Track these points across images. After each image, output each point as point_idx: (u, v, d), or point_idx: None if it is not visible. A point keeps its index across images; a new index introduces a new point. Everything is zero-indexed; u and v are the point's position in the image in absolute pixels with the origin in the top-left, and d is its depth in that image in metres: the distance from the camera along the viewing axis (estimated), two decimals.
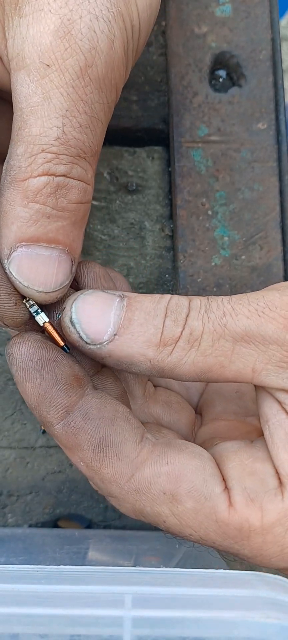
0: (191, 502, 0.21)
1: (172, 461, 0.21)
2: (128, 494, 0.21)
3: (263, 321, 0.21)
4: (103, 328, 0.21)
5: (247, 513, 0.21)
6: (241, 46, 0.33)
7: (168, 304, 0.22)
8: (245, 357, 0.21)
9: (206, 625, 0.19)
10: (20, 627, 0.19)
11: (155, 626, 0.19)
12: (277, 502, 0.21)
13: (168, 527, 0.22)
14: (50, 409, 0.21)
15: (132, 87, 0.34)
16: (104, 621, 0.19)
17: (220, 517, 0.21)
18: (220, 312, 0.21)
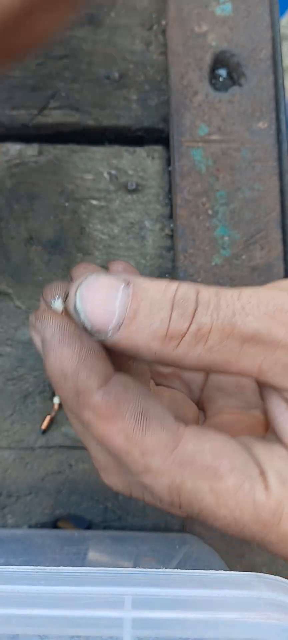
0: (233, 479, 0.21)
1: (213, 438, 0.21)
2: (170, 467, 0.21)
3: (274, 324, 0.21)
4: (108, 318, 0.21)
5: (283, 495, 0.21)
6: (241, 45, 0.33)
7: (175, 294, 0.21)
8: (252, 357, 0.21)
9: (206, 626, 0.19)
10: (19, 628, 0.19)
11: (155, 627, 0.18)
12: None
13: (204, 507, 0.21)
14: (92, 375, 0.21)
15: (132, 86, 0.34)
16: (103, 622, 0.18)
17: (258, 498, 0.21)
18: (230, 311, 0.21)
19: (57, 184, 0.33)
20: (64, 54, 0.34)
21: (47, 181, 0.33)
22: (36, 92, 0.34)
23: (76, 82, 0.34)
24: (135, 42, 0.34)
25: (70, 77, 0.34)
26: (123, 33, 0.34)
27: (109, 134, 0.34)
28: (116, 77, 0.34)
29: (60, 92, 0.34)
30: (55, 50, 0.34)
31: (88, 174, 0.34)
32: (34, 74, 0.34)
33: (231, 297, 0.21)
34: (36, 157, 0.33)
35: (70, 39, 0.34)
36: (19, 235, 0.33)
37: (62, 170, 0.34)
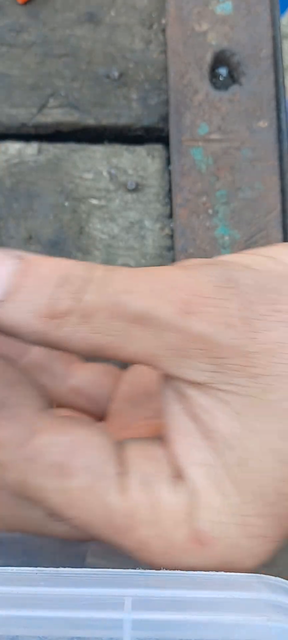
0: (85, 477, 0.19)
1: (72, 432, 0.20)
2: (16, 462, 0.19)
3: (161, 303, 0.19)
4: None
5: (139, 499, 0.19)
6: (242, 44, 0.33)
7: (65, 271, 0.19)
8: (141, 340, 0.19)
9: (207, 628, 0.19)
10: (19, 629, 0.18)
11: (155, 629, 0.18)
12: (168, 493, 0.19)
13: (51, 505, 0.20)
14: None
15: (131, 85, 0.34)
16: (103, 623, 0.18)
17: (109, 500, 0.19)
18: (119, 288, 0.19)
19: (57, 183, 0.33)
20: (63, 53, 0.34)
21: (46, 180, 0.33)
22: (35, 91, 0.34)
23: (76, 81, 0.34)
24: (135, 41, 0.34)
25: (69, 75, 0.34)
26: (123, 32, 0.34)
27: (108, 133, 0.34)
28: (116, 76, 0.34)
29: (60, 91, 0.34)
30: (55, 49, 0.34)
31: (88, 173, 0.33)
32: (33, 72, 0.34)
33: (120, 273, 0.20)
34: (35, 156, 0.33)
35: (69, 38, 0.34)
36: (19, 234, 0.33)
37: (62, 170, 0.33)
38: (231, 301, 0.19)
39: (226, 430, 0.19)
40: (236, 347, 0.19)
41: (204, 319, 0.19)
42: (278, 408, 0.19)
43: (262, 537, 0.20)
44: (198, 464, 0.20)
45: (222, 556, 0.20)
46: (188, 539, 0.19)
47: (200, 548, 0.20)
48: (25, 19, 0.34)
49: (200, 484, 0.19)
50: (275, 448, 0.19)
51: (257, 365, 0.19)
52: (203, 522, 0.19)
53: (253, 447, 0.19)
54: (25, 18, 0.34)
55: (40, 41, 0.34)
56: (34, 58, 0.34)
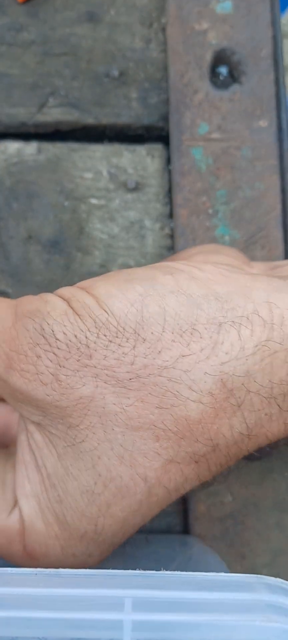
0: None
1: None
2: None
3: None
4: None
5: None
6: (242, 43, 0.33)
7: None
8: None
9: (207, 628, 0.19)
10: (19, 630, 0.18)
11: (155, 630, 0.18)
12: (4, 517, 0.22)
13: None
14: None
15: (131, 84, 0.34)
16: (103, 624, 0.18)
17: None
18: None
19: (57, 182, 0.33)
20: (63, 52, 0.34)
21: (46, 180, 0.33)
22: (35, 90, 0.34)
23: (75, 80, 0.34)
24: (135, 40, 0.34)
25: (69, 75, 0.34)
26: (123, 31, 0.34)
27: (108, 132, 0.34)
28: (116, 75, 0.34)
29: (60, 90, 0.34)
30: (55, 48, 0.34)
31: (87, 172, 0.33)
32: (32, 71, 0.34)
33: None
34: (35, 156, 0.33)
35: (69, 37, 0.34)
36: (18, 234, 0.33)
37: (62, 169, 0.33)
38: (43, 359, 0.21)
39: (51, 469, 0.22)
40: (50, 401, 0.21)
41: (22, 377, 0.21)
42: (91, 456, 0.21)
43: (85, 556, 0.23)
44: (28, 495, 0.22)
45: (51, 565, 0.23)
46: (21, 553, 0.23)
47: (31, 560, 0.23)
48: (24, 18, 0.34)
49: (27, 513, 0.22)
50: (87, 491, 0.21)
51: (72, 416, 0.21)
52: (31, 543, 0.22)
53: (69, 488, 0.22)
54: (24, 17, 0.34)
55: (40, 40, 0.34)
56: (34, 57, 0.34)
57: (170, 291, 0.21)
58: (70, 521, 0.22)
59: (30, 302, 0.22)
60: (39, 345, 0.21)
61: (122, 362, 0.20)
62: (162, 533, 0.31)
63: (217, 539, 0.31)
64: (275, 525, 0.31)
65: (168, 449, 0.21)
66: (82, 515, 0.22)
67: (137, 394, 0.20)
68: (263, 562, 0.31)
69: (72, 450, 0.21)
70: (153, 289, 0.21)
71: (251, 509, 0.31)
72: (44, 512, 0.22)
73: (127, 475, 0.21)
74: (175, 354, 0.20)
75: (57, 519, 0.22)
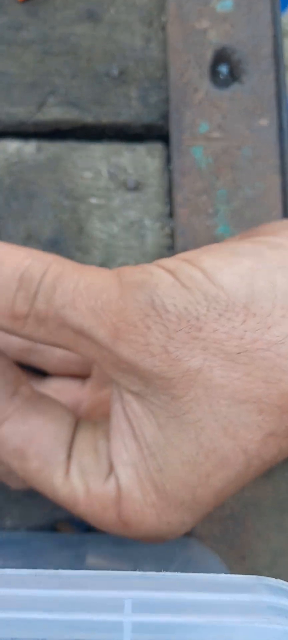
0: (36, 462, 0.23)
1: (31, 422, 0.23)
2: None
3: (96, 324, 0.21)
4: None
5: (77, 485, 0.23)
6: (242, 42, 0.33)
7: (23, 273, 0.22)
8: (85, 348, 0.22)
9: (207, 630, 0.19)
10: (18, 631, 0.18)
11: (155, 631, 0.18)
12: (100, 485, 0.23)
13: (22, 477, 0.24)
14: None
15: (131, 83, 0.34)
16: (103, 626, 0.18)
17: (54, 482, 0.23)
18: (62, 302, 0.22)
19: (56, 182, 0.33)
20: (63, 51, 0.34)
21: (45, 179, 0.33)
22: (35, 89, 0.34)
23: (75, 79, 0.34)
24: (135, 39, 0.34)
25: (69, 74, 0.34)
26: (123, 29, 0.34)
27: (108, 131, 0.34)
28: (116, 74, 0.34)
29: (59, 89, 0.34)
30: (54, 47, 0.34)
31: (87, 171, 0.33)
32: (32, 70, 0.34)
33: (67, 286, 0.22)
34: (35, 155, 0.33)
35: (69, 36, 0.34)
36: (18, 234, 0.32)
37: (61, 168, 0.33)
38: (153, 330, 0.21)
39: (150, 438, 0.22)
40: (157, 373, 0.21)
41: (130, 347, 0.21)
42: (194, 427, 0.22)
43: (179, 524, 0.23)
44: (125, 463, 0.23)
45: (145, 533, 0.23)
46: (115, 520, 0.23)
47: (125, 527, 0.23)
48: (24, 17, 0.34)
49: (124, 481, 0.23)
50: (188, 461, 0.22)
51: (177, 388, 0.21)
52: (126, 510, 0.23)
53: (170, 458, 0.22)
54: (24, 16, 0.34)
55: (39, 39, 0.34)
56: (33, 56, 0.34)
57: (277, 266, 0.21)
58: (168, 490, 0.22)
59: (133, 273, 0.22)
60: (149, 317, 0.21)
61: (232, 336, 0.21)
62: None
63: (217, 540, 0.31)
64: (275, 526, 0.31)
65: (270, 422, 0.21)
66: (181, 484, 0.22)
67: (244, 368, 0.21)
68: (263, 563, 0.31)
69: (174, 421, 0.22)
70: (261, 264, 0.21)
71: (251, 510, 0.31)
72: (142, 481, 0.22)
73: (228, 447, 0.22)
74: (286, 330, 0.21)
75: (155, 488, 0.22)
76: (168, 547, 0.29)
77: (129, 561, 0.28)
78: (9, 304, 0.22)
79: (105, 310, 0.21)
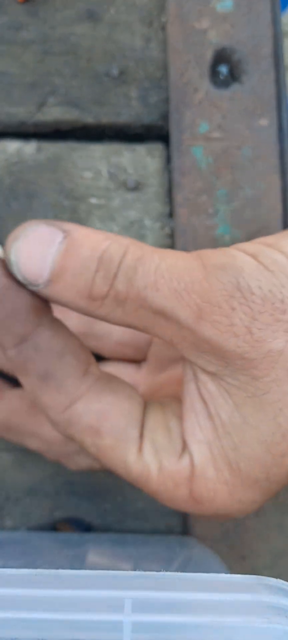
0: (109, 439, 0.24)
1: (104, 400, 0.24)
2: (61, 421, 0.24)
3: (179, 305, 0.22)
4: (39, 272, 0.22)
5: (150, 462, 0.23)
6: (242, 42, 0.33)
7: (102, 255, 0.22)
8: (163, 329, 0.22)
9: (207, 630, 0.19)
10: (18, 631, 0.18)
11: (155, 631, 0.18)
12: (173, 462, 0.23)
13: (90, 452, 0.24)
14: (6, 335, 0.23)
15: (131, 83, 0.34)
16: (103, 626, 0.18)
17: (128, 459, 0.24)
18: (143, 283, 0.22)
19: (56, 182, 0.33)
20: (63, 51, 0.34)
21: (45, 179, 0.33)
22: (35, 89, 0.34)
23: (75, 79, 0.34)
24: (135, 39, 0.34)
25: (69, 74, 0.34)
26: (123, 29, 0.34)
27: (108, 132, 0.34)
28: (116, 74, 0.34)
29: (59, 89, 0.34)
30: (54, 47, 0.34)
31: (87, 172, 0.33)
32: (32, 70, 0.34)
33: (149, 267, 0.22)
34: (35, 155, 0.33)
35: (69, 36, 0.34)
36: None
37: (61, 169, 0.33)
38: (238, 312, 0.22)
39: (226, 417, 0.23)
40: (240, 353, 0.22)
41: (214, 327, 0.22)
42: (273, 408, 0.22)
43: (250, 502, 0.24)
44: (200, 441, 0.23)
45: (215, 511, 0.24)
46: (187, 497, 0.24)
47: (196, 504, 0.24)
48: (24, 17, 0.34)
49: (198, 459, 0.23)
50: (265, 440, 0.22)
51: (258, 368, 0.22)
52: (198, 487, 0.23)
53: (247, 437, 0.22)
54: (24, 16, 0.34)
55: (39, 39, 0.34)
56: (33, 56, 0.34)
57: None
58: (243, 469, 0.23)
59: (216, 256, 0.23)
60: (234, 298, 0.21)
61: None
62: (161, 534, 0.31)
63: (217, 540, 0.31)
64: (276, 526, 0.31)
65: None
66: (256, 463, 0.23)
67: None
68: (264, 564, 0.31)
69: (252, 401, 0.22)
70: None
71: None
72: (216, 459, 0.23)
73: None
74: None
75: (229, 466, 0.23)
76: (168, 546, 0.29)
77: (128, 561, 0.28)
78: (88, 285, 0.22)
79: (188, 292, 0.21)
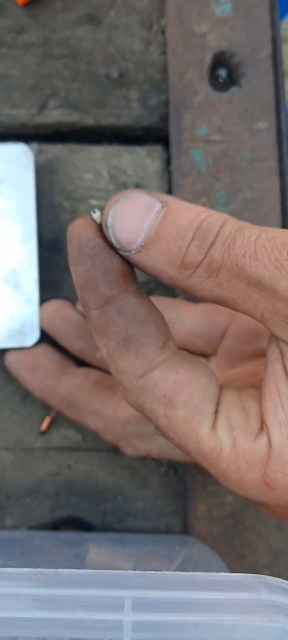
0: (184, 411, 0.23)
1: (182, 372, 0.23)
2: (135, 388, 0.23)
3: (278, 275, 0.21)
4: (134, 237, 0.22)
5: (224, 439, 0.23)
6: (241, 45, 0.33)
7: (200, 225, 0.22)
8: (256, 301, 0.22)
9: (207, 629, 0.19)
10: (18, 630, 0.18)
11: (155, 630, 0.18)
12: (249, 441, 0.22)
13: (159, 425, 0.24)
14: (92, 295, 0.23)
15: (131, 85, 0.34)
16: (103, 625, 0.18)
17: (201, 433, 0.23)
18: (242, 251, 0.21)
19: (56, 183, 0.33)
20: (63, 54, 0.34)
21: (46, 181, 0.33)
22: (35, 92, 0.34)
23: (75, 82, 0.34)
24: (135, 42, 0.34)
25: (69, 76, 0.34)
26: (123, 32, 0.34)
27: (108, 134, 0.34)
28: (116, 77, 0.34)
29: (60, 91, 0.34)
30: (55, 50, 0.34)
31: (87, 173, 0.33)
32: (33, 73, 0.34)
33: (249, 237, 0.22)
34: (35, 157, 0.33)
35: (69, 39, 0.34)
36: None
37: (61, 170, 0.33)
38: None
39: None
40: None
41: None
42: None
43: None
44: (281, 422, 0.22)
45: (286, 499, 0.22)
46: (259, 481, 0.22)
47: (267, 489, 0.22)
48: (25, 20, 0.34)
49: (277, 440, 0.22)
50: None
51: None
52: (274, 471, 0.22)
53: None
54: (25, 19, 0.34)
55: (40, 42, 0.34)
56: (34, 59, 0.34)
57: None
58: None
59: None
60: None
61: None
62: (161, 533, 0.31)
63: (217, 539, 0.31)
64: (275, 525, 0.31)
65: None
66: None
67: None
68: (263, 563, 0.31)
69: None
70: None
71: (251, 509, 0.31)
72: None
73: None
74: None
75: None
76: (168, 546, 0.30)
77: (129, 560, 0.28)
78: (181, 252, 0.22)
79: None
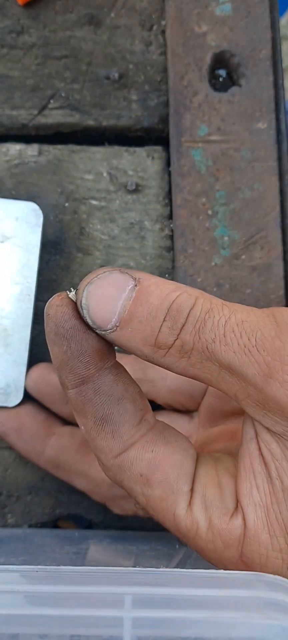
0: (159, 490, 0.23)
1: (157, 450, 0.23)
2: (113, 466, 0.23)
3: (247, 362, 0.21)
4: (108, 317, 0.22)
5: (200, 518, 0.23)
6: (241, 45, 0.33)
7: (171, 305, 0.22)
8: (228, 383, 0.22)
9: (206, 625, 0.19)
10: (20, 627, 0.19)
11: (155, 627, 0.18)
12: (224, 521, 0.23)
13: (138, 501, 0.24)
14: (69, 375, 0.23)
15: (132, 86, 0.34)
16: (103, 621, 0.18)
17: (177, 513, 0.23)
18: (212, 336, 0.22)
19: (57, 184, 0.33)
20: (63, 54, 0.34)
21: (47, 181, 0.33)
22: (36, 92, 0.34)
23: (76, 82, 0.34)
24: (135, 43, 0.34)
25: (70, 77, 0.34)
26: (123, 33, 0.34)
27: (108, 134, 0.34)
28: (116, 77, 0.34)
29: (60, 92, 0.34)
30: (55, 51, 0.34)
31: (88, 174, 0.34)
32: (33, 74, 0.34)
33: (219, 320, 0.22)
34: (36, 157, 0.34)
35: (70, 39, 0.34)
36: None
37: (62, 171, 0.34)
38: None
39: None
40: None
41: (284, 387, 0.21)
42: None
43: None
44: (256, 503, 0.22)
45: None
46: (236, 559, 0.23)
47: (246, 568, 0.23)
48: (25, 21, 0.34)
49: (252, 521, 0.22)
50: None
51: None
52: (250, 551, 0.22)
53: None
54: (25, 20, 0.34)
55: (40, 43, 0.34)
56: (35, 59, 0.34)
57: None
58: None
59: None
60: None
61: None
62: (162, 531, 0.31)
63: None
64: None
65: None
66: None
67: None
68: None
69: None
70: None
71: None
72: (272, 524, 0.22)
73: None
74: None
75: (285, 533, 0.22)
76: (168, 543, 0.30)
77: (129, 557, 0.28)
78: (154, 333, 0.22)
79: (258, 348, 0.21)
